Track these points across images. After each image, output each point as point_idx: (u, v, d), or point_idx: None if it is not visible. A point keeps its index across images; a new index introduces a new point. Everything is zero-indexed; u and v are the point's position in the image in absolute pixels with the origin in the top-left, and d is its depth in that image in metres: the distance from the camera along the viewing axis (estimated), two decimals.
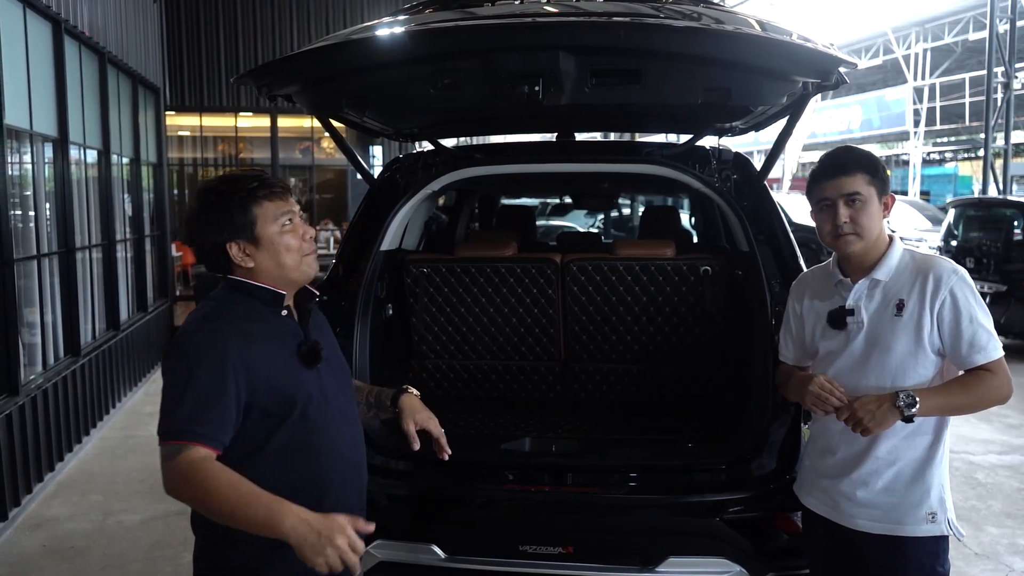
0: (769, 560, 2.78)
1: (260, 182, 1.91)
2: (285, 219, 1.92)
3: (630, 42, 2.45)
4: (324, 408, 1.94)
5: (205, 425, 1.74)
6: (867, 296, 2.21)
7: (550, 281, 3.56)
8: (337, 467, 1.99)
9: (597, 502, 2.91)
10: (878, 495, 2.22)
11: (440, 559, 2.85)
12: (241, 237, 1.87)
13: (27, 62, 5.37)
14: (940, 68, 25.00)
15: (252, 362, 1.81)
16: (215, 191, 1.90)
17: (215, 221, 1.87)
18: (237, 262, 1.89)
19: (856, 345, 2.22)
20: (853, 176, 2.17)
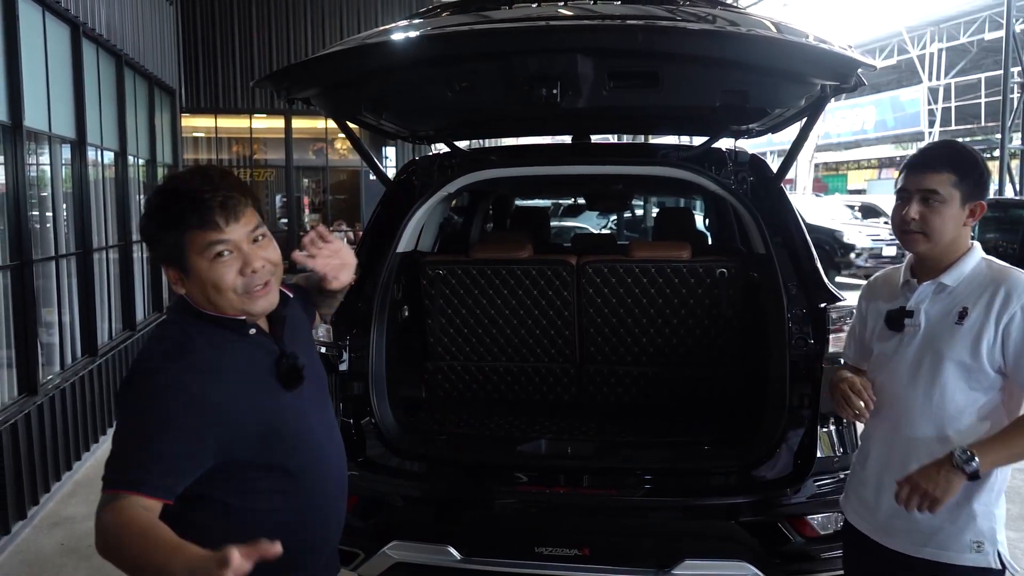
0: (785, 563, 2.79)
1: (193, 206, 1.58)
2: (218, 250, 1.60)
3: (648, 45, 2.45)
4: (310, 435, 1.76)
5: (151, 473, 1.52)
6: (931, 300, 2.08)
7: (566, 283, 3.56)
8: (329, 489, 1.82)
9: (613, 504, 2.92)
10: (920, 515, 2.02)
11: (456, 560, 2.86)
12: (171, 264, 1.63)
13: (46, 65, 5.42)
14: (955, 68, 24.84)
15: (226, 399, 1.60)
16: (150, 203, 1.64)
17: (149, 236, 1.64)
18: (174, 287, 1.66)
19: (910, 350, 2.09)
20: (938, 174, 2.02)
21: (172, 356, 1.59)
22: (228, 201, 1.59)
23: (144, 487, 1.52)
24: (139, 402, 1.57)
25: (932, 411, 2.03)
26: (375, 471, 3.07)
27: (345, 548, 2.98)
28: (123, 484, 1.52)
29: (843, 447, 2.94)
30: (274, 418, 1.68)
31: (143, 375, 1.59)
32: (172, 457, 1.55)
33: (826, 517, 2.83)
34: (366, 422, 3.14)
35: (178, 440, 1.55)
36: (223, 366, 1.62)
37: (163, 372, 1.57)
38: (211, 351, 1.62)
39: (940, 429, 2.02)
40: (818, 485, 2.85)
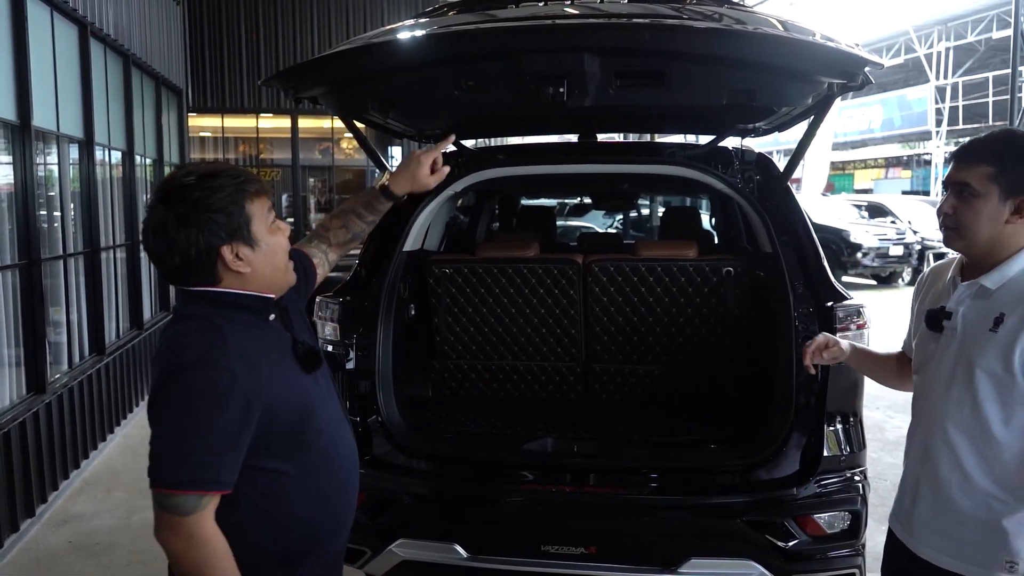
0: (792, 562, 2.78)
1: (245, 176, 1.68)
2: (271, 216, 1.72)
3: (655, 44, 2.44)
4: (328, 415, 1.81)
5: (219, 470, 1.57)
6: (970, 302, 1.94)
7: (572, 282, 3.57)
8: (350, 476, 1.87)
9: (619, 503, 2.92)
10: (952, 524, 1.94)
11: (462, 558, 2.87)
12: (236, 239, 1.64)
13: (54, 64, 5.44)
14: (963, 67, 24.76)
15: (263, 385, 1.62)
16: (197, 188, 1.62)
17: (206, 222, 1.61)
18: (233, 268, 1.65)
19: (947, 355, 1.96)
20: (973, 166, 1.89)
21: (210, 346, 1.60)
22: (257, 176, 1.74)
23: (222, 484, 1.58)
24: (191, 396, 1.56)
25: (964, 422, 1.91)
26: (382, 469, 3.08)
27: (352, 546, 3.00)
28: (204, 483, 1.56)
29: (850, 446, 2.94)
30: (305, 399, 1.72)
31: (187, 368, 1.58)
32: (234, 448, 1.59)
33: (833, 516, 2.83)
34: (373, 420, 3.15)
35: (231, 430, 1.58)
36: (255, 352, 1.64)
37: (206, 363, 1.57)
38: (241, 338, 1.64)
39: (973, 442, 1.90)
40: (824, 484, 2.85)
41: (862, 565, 2.87)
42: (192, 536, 1.56)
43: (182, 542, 1.56)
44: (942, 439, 1.95)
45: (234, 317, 1.66)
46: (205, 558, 1.57)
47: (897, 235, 15.75)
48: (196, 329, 1.63)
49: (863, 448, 2.99)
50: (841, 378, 2.92)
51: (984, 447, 1.88)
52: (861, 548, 2.88)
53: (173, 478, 1.55)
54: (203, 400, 1.55)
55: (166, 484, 1.56)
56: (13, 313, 4.79)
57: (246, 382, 1.58)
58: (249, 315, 1.69)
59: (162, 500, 1.56)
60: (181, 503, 1.55)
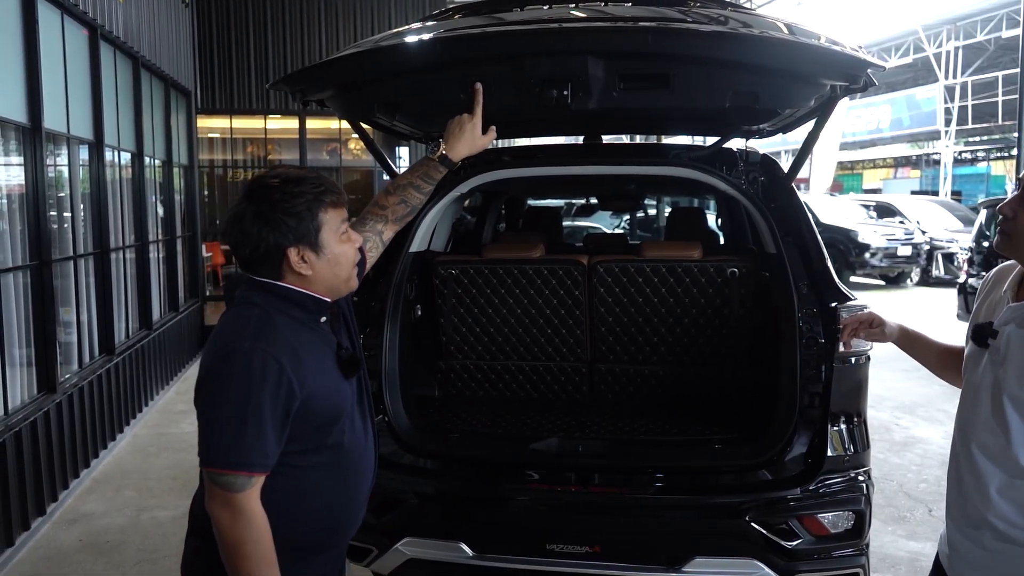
0: (796, 561, 2.79)
1: (326, 186, 1.80)
2: (344, 227, 1.83)
3: (658, 47, 2.46)
4: (356, 419, 1.91)
5: (269, 454, 1.68)
6: (1016, 326, 1.78)
7: (577, 282, 3.59)
8: (366, 480, 1.97)
9: (624, 502, 2.95)
10: (981, 554, 1.85)
11: (468, 557, 2.90)
12: (303, 243, 1.75)
13: (64, 67, 5.48)
14: (972, 66, 24.65)
15: (306, 379, 1.71)
16: (279, 190, 1.75)
17: (278, 223, 1.72)
18: (296, 269, 1.76)
19: (986, 376, 1.83)
20: None
21: (263, 334, 1.69)
22: (340, 188, 1.83)
23: (268, 466, 1.68)
24: (243, 380, 1.65)
25: (992, 448, 1.81)
26: (388, 468, 3.09)
27: (359, 544, 3.03)
28: (254, 465, 1.66)
29: (854, 446, 2.95)
30: (338, 400, 1.82)
31: (241, 354, 1.67)
32: (277, 433, 1.69)
33: (837, 515, 2.84)
34: (379, 420, 3.18)
35: (277, 416, 1.67)
36: (301, 346, 1.74)
37: (258, 350, 1.66)
38: (290, 332, 1.74)
39: (1000, 469, 1.79)
40: (828, 484, 2.86)
41: (866, 565, 2.87)
42: (240, 511, 1.66)
43: (229, 516, 1.66)
44: (967, 461, 1.87)
45: (288, 312, 1.77)
46: (248, 534, 1.66)
47: (905, 235, 15.70)
48: (252, 316, 1.73)
49: (867, 448, 3.00)
50: (845, 378, 2.93)
51: (1012, 477, 1.78)
52: (865, 548, 2.89)
53: (226, 459, 1.65)
54: (253, 385, 1.65)
55: (219, 464, 1.66)
56: (24, 313, 4.83)
57: (292, 372, 1.68)
58: (302, 313, 1.79)
59: (214, 477, 1.66)
60: (232, 481, 1.65)
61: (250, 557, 1.66)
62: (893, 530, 4.62)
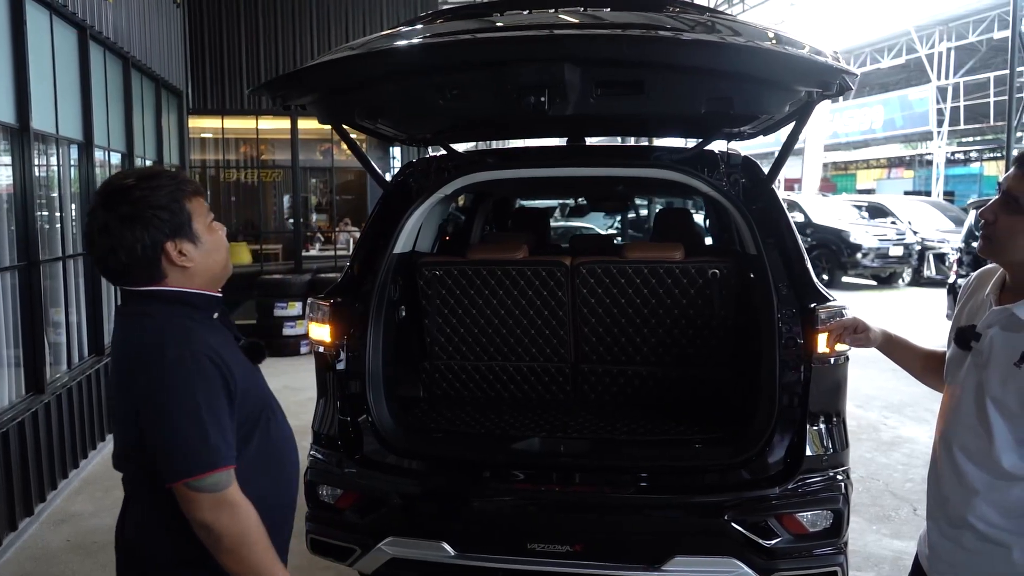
0: (774, 560, 2.82)
1: (181, 177, 1.80)
2: (212, 215, 1.82)
3: (633, 54, 2.49)
4: (276, 408, 1.93)
5: (231, 446, 1.69)
6: (999, 328, 1.80)
7: (560, 284, 3.61)
8: (295, 470, 1.99)
9: (605, 502, 2.97)
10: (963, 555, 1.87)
11: (450, 556, 2.92)
12: (179, 235, 1.72)
13: (53, 67, 5.48)
14: (965, 67, 24.74)
15: (231, 371, 1.73)
16: (138, 188, 1.70)
17: (150, 219, 1.68)
18: (177, 263, 1.73)
19: (969, 379, 1.85)
20: None
21: (182, 340, 1.68)
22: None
23: (235, 457, 1.69)
24: (190, 386, 1.65)
25: (974, 450, 1.82)
26: (372, 468, 3.13)
27: (342, 544, 3.06)
28: (228, 458, 1.67)
29: (833, 445, 2.98)
30: (260, 388, 1.85)
31: (177, 362, 1.65)
32: (231, 425, 1.71)
33: (815, 514, 2.87)
34: (363, 420, 3.20)
35: (225, 409, 1.70)
36: (215, 342, 1.74)
37: (191, 354, 1.67)
38: (200, 332, 1.73)
39: (982, 471, 1.81)
40: (807, 483, 2.89)
41: (844, 563, 2.90)
42: (235, 504, 1.67)
43: (228, 514, 1.66)
44: (949, 462, 1.89)
45: (186, 314, 1.75)
46: (249, 523, 1.68)
47: (897, 236, 15.77)
48: (162, 326, 1.70)
49: (846, 448, 3.03)
50: (824, 379, 2.97)
51: (994, 478, 1.79)
52: (843, 546, 2.91)
53: (203, 462, 1.64)
54: (201, 386, 1.65)
55: (197, 470, 1.64)
56: (13, 314, 4.84)
57: (223, 366, 1.70)
58: (196, 312, 1.77)
59: (198, 485, 1.64)
60: (216, 481, 1.64)
61: (258, 543, 1.69)
62: (877, 529, 4.65)
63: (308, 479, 3.20)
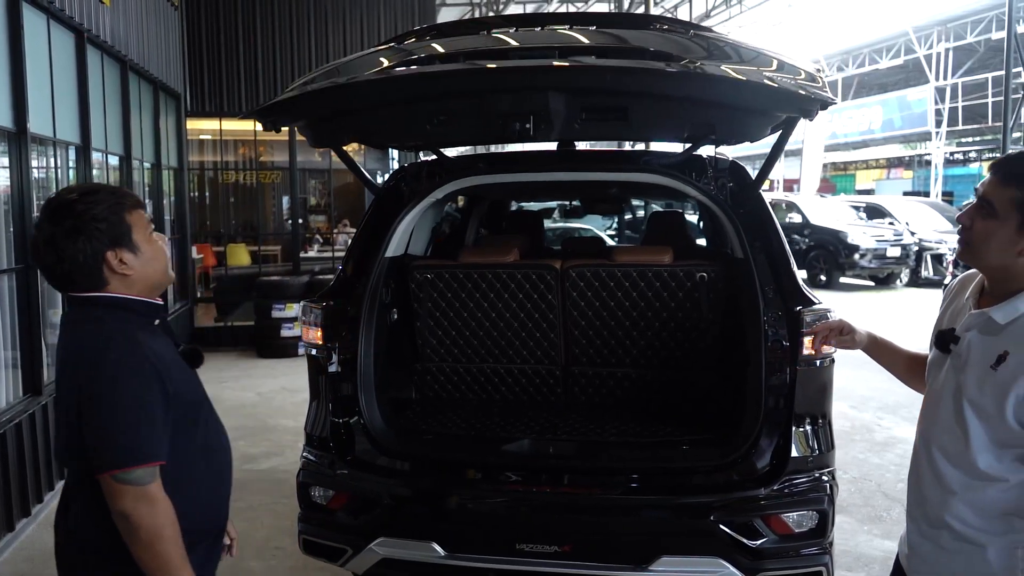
0: (760, 560, 2.85)
1: (122, 192, 1.93)
2: (152, 227, 1.95)
3: (616, 85, 2.53)
4: (212, 412, 2.04)
5: (160, 444, 1.80)
6: (977, 332, 1.83)
7: (550, 287, 3.65)
8: (229, 472, 2.09)
9: (592, 503, 3.01)
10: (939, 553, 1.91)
11: (440, 556, 2.96)
12: (119, 245, 1.85)
13: (51, 71, 5.52)
14: (963, 68, 24.78)
15: (168, 372, 1.84)
16: (80, 202, 1.83)
17: (92, 231, 1.81)
18: (118, 271, 1.85)
19: (948, 381, 1.88)
20: (1003, 186, 1.76)
21: (123, 342, 1.81)
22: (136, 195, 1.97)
23: (163, 455, 1.80)
24: (126, 386, 1.77)
25: (952, 451, 1.86)
26: (363, 470, 3.16)
27: (334, 544, 3.10)
28: (155, 456, 1.78)
29: (818, 447, 3.01)
30: (197, 391, 1.97)
31: (112, 363, 1.78)
32: (164, 424, 1.81)
33: (801, 515, 2.90)
34: (354, 422, 3.24)
35: (159, 409, 1.80)
36: (157, 348, 1.87)
37: (130, 356, 1.79)
38: (144, 336, 1.86)
39: (959, 472, 1.85)
40: (792, 484, 2.92)
41: (829, 563, 2.93)
42: (156, 499, 1.77)
43: (147, 507, 1.76)
44: (928, 463, 1.92)
45: (127, 319, 1.87)
46: (166, 518, 1.78)
47: (895, 236, 15.80)
48: (105, 330, 1.83)
49: (831, 449, 3.05)
50: (809, 381, 3.00)
51: (971, 479, 1.83)
52: (828, 546, 2.94)
53: (132, 455, 1.75)
54: (137, 386, 1.78)
55: (125, 463, 1.75)
56: (10, 316, 4.88)
57: (160, 368, 1.82)
58: (137, 317, 1.89)
59: (123, 477, 1.75)
60: (140, 475, 1.76)
61: (172, 539, 1.78)
62: (869, 529, 4.68)
63: (300, 480, 3.24)
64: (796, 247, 15.79)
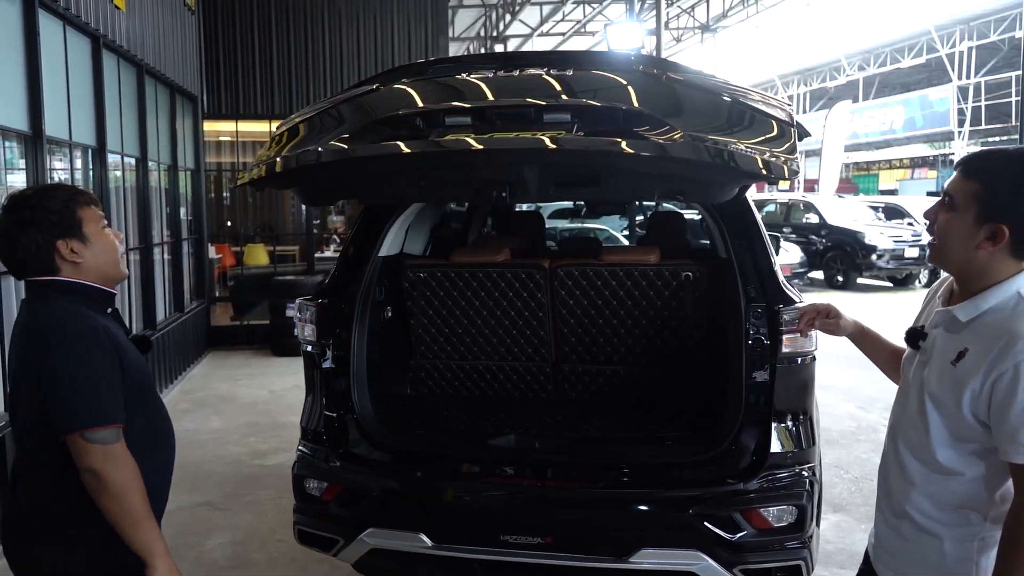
0: (738, 553, 2.91)
1: (78, 189, 2.08)
2: (104, 222, 2.08)
3: (589, 162, 2.64)
4: (156, 395, 2.18)
5: (122, 408, 1.94)
6: (943, 329, 1.88)
7: (539, 286, 3.72)
8: (173, 456, 2.23)
9: (575, 496, 3.08)
10: (902, 544, 1.97)
11: (427, 546, 3.05)
12: (69, 235, 1.99)
13: (67, 76, 5.68)
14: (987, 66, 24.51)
15: (124, 349, 1.99)
16: (35, 196, 2.00)
17: (42, 221, 1.96)
18: (69, 259, 2.00)
19: (916, 376, 1.93)
20: (962, 178, 1.80)
21: (78, 316, 1.96)
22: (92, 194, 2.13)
23: (124, 421, 1.94)
24: (84, 353, 1.91)
25: (916, 445, 1.91)
26: (355, 462, 3.27)
27: (326, 535, 3.20)
28: (118, 417, 1.92)
29: (798, 443, 3.06)
30: (146, 373, 2.11)
31: (71, 334, 1.92)
32: (122, 391, 1.96)
33: (780, 509, 2.95)
34: (347, 416, 3.34)
35: (117, 376, 1.95)
36: (109, 328, 2.00)
37: (86, 328, 1.94)
38: (96, 318, 1.99)
39: (922, 465, 1.90)
40: (771, 479, 2.97)
41: (808, 557, 2.97)
42: (122, 457, 1.92)
43: (113, 465, 1.90)
44: (894, 455, 1.98)
45: (80, 302, 2.01)
46: (134, 474, 1.93)
47: (913, 237, 15.64)
48: (60, 309, 1.98)
49: (812, 445, 3.10)
50: (789, 378, 3.05)
51: (931, 472, 1.88)
52: (808, 540, 2.98)
53: (97, 416, 1.90)
54: (93, 355, 1.92)
55: (94, 422, 1.89)
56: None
57: (116, 345, 1.96)
58: (90, 302, 2.03)
59: (91, 436, 1.89)
60: (106, 436, 1.90)
61: (139, 492, 1.93)
62: (866, 528, 4.68)
63: (295, 472, 3.34)
64: (813, 248, 15.72)
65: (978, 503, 1.85)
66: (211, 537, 4.49)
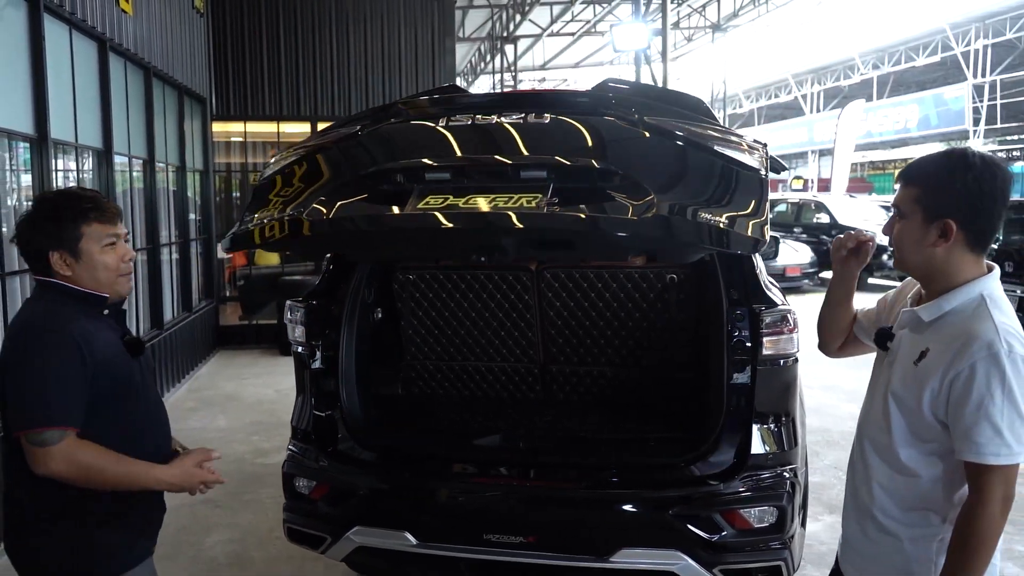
0: (718, 553, 2.93)
1: (94, 204, 2.11)
2: (109, 240, 2.12)
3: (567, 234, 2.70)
4: (148, 398, 2.23)
5: (74, 412, 1.98)
6: (908, 329, 1.94)
7: (526, 287, 3.77)
8: (161, 451, 2.24)
9: (557, 495, 3.12)
10: (866, 543, 2.01)
11: (412, 544, 3.09)
12: (64, 248, 2.06)
13: (73, 79, 5.76)
14: (1002, 64, 24.27)
15: (97, 355, 2.02)
16: (51, 203, 2.10)
17: (41, 228, 2.05)
18: (56, 269, 2.07)
19: (882, 376, 1.99)
20: (906, 188, 1.89)
21: (56, 319, 2.02)
22: (116, 208, 2.18)
23: (76, 423, 1.98)
24: (44, 355, 1.97)
25: (879, 444, 1.95)
26: (342, 462, 3.32)
27: (314, 532, 3.25)
28: (63, 421, 1.96)
29: (780, 444, 3.08)
30: (130, 376, 2.15)
31: (40, 335, 2.00)
32: (80, 395, 2.00)
33: (761, 510, 2.97)
34: (336, 416, 3.39)
35: (78, 381, 1.99)
36: (90, 326, 2.06)
37: (54, 331, 1.99)
38: (79, 317, 2.05)
39: (885, 464, 1.94)
40: (752, 480, 3.00)
41: (788, 558, 2.99)
42: (66, 453, 1.95)
43: (62, 463, 1.95)
44: (860, 455, 2.02)
45: (70, 304, 2.08)
46: (88, 457, 1.98)
47: None
48: (46, 308, 2.07)
49: (794, 447, 3.12)
50: (771, 380, 3.07)
51: (894, 472, 1.92)
52: (788, 541, 3.00)
53: (42, 418, 1.95)
54: (56, 358, 1.97)
55: (37, 423, 1.95)
56: None
57: (82, 346, 1.99)
58: (86, 306, 2.10)
59: (33, 438, 1.95)
60: (48, 437, 1.94)
61: (111, 461, 2.00)
62: None
63: (285, 471, 3.40)
64: (824, 248, 15.64)
65: (937, 504, 1.89)
66: (211, 535, 4.55)
